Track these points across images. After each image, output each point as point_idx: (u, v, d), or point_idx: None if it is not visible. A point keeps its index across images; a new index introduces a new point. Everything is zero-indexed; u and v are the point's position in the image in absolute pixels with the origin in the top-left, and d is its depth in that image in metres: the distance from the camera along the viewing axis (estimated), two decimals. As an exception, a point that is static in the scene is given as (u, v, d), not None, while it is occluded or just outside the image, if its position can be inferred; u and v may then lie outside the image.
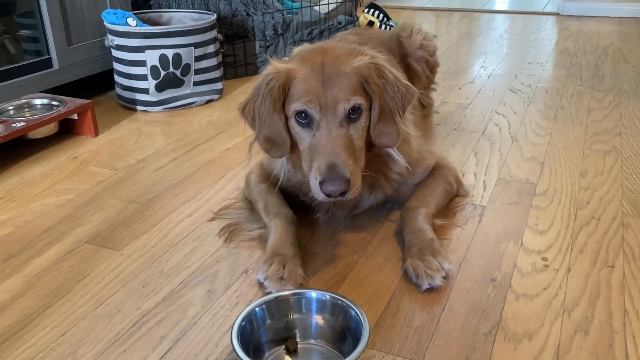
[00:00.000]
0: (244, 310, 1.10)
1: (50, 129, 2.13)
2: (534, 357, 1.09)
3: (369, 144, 1.40)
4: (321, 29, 3.23)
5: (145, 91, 2.46)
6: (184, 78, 2.49)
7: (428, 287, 1.27)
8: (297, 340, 1.13)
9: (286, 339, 1.13)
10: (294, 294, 1.16)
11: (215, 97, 2.62)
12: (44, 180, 1.86)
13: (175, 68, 2.45)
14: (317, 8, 3.38)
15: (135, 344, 1.14)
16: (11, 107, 2.17)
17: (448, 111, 2.42)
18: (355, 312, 1.09)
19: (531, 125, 2.25)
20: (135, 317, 1.22)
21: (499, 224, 1.55)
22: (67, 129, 2.22)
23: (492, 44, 3.66)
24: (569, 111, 2.39)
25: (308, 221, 1.56)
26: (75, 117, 2.18)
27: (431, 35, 2.22)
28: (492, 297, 1.26)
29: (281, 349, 1.12)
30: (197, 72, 2.52)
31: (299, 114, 1.32)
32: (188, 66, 2.48)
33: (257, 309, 1.12)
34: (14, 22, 2.42)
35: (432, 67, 2.21)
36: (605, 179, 1.78)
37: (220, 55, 2.65)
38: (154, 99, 2.47)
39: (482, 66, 3.13)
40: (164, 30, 2.41)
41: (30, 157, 2.03)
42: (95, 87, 2.73)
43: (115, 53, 2.48)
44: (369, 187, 1.51)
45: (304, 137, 1.34)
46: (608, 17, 4.42)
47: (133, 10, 2.71)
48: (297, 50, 1.58)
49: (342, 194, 1.24)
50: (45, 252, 1.47)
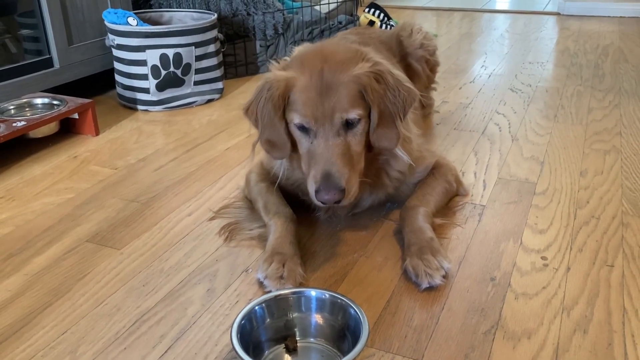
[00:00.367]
0: (243, 309, 1.10)
1: (51, 128, 2.13)
2: (533, 355, 1.09)
3: (370, 144, 1.40)
4: (322, 28, 3.24)
5: (146, 90, 2.46)
6: (184, 77, 2.49)
7: (427, 286, 1.27)
8: (297, 338, 1.13)
9: (286, 338, 1.13)
10: (293, 293, 1.16)
11: (216, 96, 2.63)
12: (44, 180, 1.87)
13: (176, 67, 2.45)
14: (317, 7, 3.38)
15: (135, 342, 1.15)
16: (12, 107, 2.17)
17: (448, 110, 2.42)
18: (355, 310, 1.09)
19: (531, 124, 2.25)
20: (135, 316, 1.22)
21: (499, 223, 1.55)
22: (67, 129, 2.22)
23: (492, 44, 3.66)
24: (569, 111, 2.39)
25: (308, 220, 1.56)
26: (76, 116, 2.19)
27: (431, 35, 2.22)
28: (491, 296, 1.26)
29: (281, 348, 1.12)
30: (198, 71, 2.52)
31: (298, 121, 1.34)
32: (189, 66, 2.48)
33: (256, 307, 1.12)
34: (15, 21, 2.42)
35: (432, 67, 2.21)
36: (605, 179, 1.78)
37: (221, 55, 2.66)
38: (155, 98, 2.47)
39: (483, 66, 3.13)
40: (164, 30, 2.41)
41: (31, 157, 2.04)
42: (96, 87, 2.74)
43: (116, 52, 2.48)
44: (370, 187, 1.51)
45: (303, 141, 1.36)
46: (609, 16, 4.42)
47: (134, 10, 2.72)
48: (298, 50, 1.58)
49: (337, 202, 1.28)
50: (45, 251, 1.47)
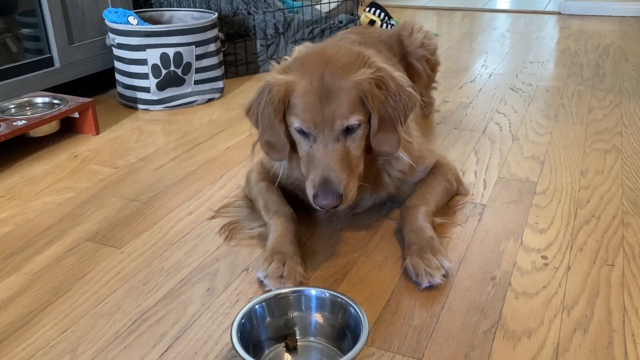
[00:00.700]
0: (243, 307, 1.10)
1: (52, 127, 2.14)
2: (533, 355, 1.09)
3: (371, 147, 1.40)
4: (322, 27, 3.23)
5: (146, 90, 2.46)
6: (185, 77, 2.49)
7: (428, 285, 1.27)
8: (297, 337, 1.13)
9: (286, 337, 1.13)
10: (293, 292, 1.16)
11: (216, 95, 2.63)
12: (44, 179, 1.87)
13: (177, 67, 2.45)
14: (318, 7, 3.37)
15: (135, 341, 1.15)
16: (12, 106, 2.17)
17: (449, 110, 2.42)
18: (355, 309, 1.09)
19: (532, 124, 2.25)
20: (136, 315, 1.22)
21: (499, 222, 1.55)
22: (68, 128, 2.22)
23: (493, 43, 3.66)
24: (569, 110, 2.39)
25: (308, 219, 1.56)
26: (77, 115, 2.19)
27: (432, 34, 2.22)
28: (491, 295, 1.26)
29: (281, 347, 1.12)
30: (198, 70, 2.52)
31: (297, 125, 1.34)
32: (189, 65, 2.48)
33: (257, 306, 1.12)
34: (16, 20, 2.42)
35: (432, 66, 2.21)
36: (606, 178, 1.78)
37: (221, 54, 2.66)
38: (155, 97, 2.47)
39: (483, 65, 3.13)
40: (165, 29, 2.41)
41: (31, 156, 2.04)
42: (96, 86, 2.74)
43: (117, 52, 2.48)
44: (371, 186, 1.51)
45: (302, 145, 1.36)
46: (609, 16, 4.41)
47: (134, 9, 2.72)
48: (298, 50, 1.58)
49: (335, 207, 1.28)
50: (45, 250, 1.47)
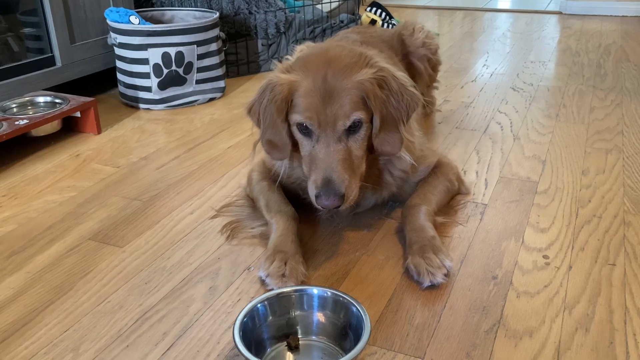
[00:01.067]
0: (245, 307, 1.11)
1: (53, 126, 2.14)
2: (535, 354, 1.09)
3: (373, 147, 1.40)
4: (323, 27, 3.24)
5: (148, 89, 2.46)
6: (186, 76, 2.49)
7: (429, 284, 1.27)
8: (299, 336, 1.14)
9: (288, 336, 1.13)
10: (295, 291, 1.17)
11: (218, 95, 2.63)
12: (46, 178, 1.87)
13: (178, 66, 2.45)
14: (319, 6, 3.38)
15: (137, 340, 1.15)
16: (14, 105, 2.17)
17: (450, 109, 2.42)
18: (357, 308, 1.10)
19: (533, 123, 2.25)
20: (138, 314, 1.22)
21: (500, 221, 1.55)
22: (69, 127, 2.23)
23: (494, 43, 3.66)
24: (570, 110, 2.39)
25: (309, 218, 1.56)
26: (78, 114, 2.19)
27: (433, 34, 2.22)
28: (493, 294, 1.26)
29: (283, 346, 1.12)
30: (200, 70, 2.52)
31: (300, 124, 1.34)
32: (190, 64, 2.48)
33: (259, 305, 1.12)
34: (17, 20, 2.43)
35: (434, 66, 2.21)
36: (607, 177, 1.78)
37: (223, 54, 2.66)
38: (157, 97, 2.47)
39: (484, 65, 3.13)
40: (166, 29, 2.41)
41: (33, 155, 2.04)
42: (98, 85, 2.74)
43: (118, 51, 2.48)
44: (373, 186, 1.51)
45: (304, 144, 1.36)
46: (611, 15, 4.41)
47: (136, 8, 2.72)
48: (300, 50, 1.58)
49: (337, 207, 1.29)
50: (47, 249, 1.47)
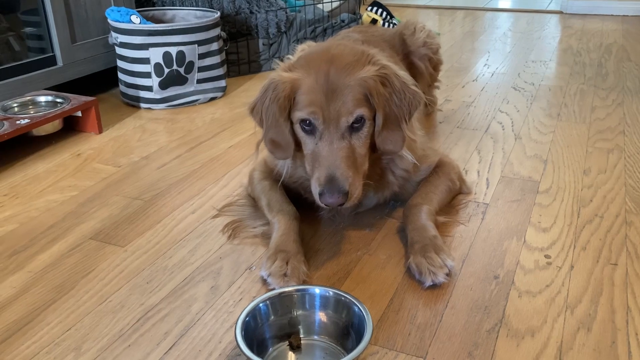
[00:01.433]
0: (247, 306, 1.11)
1: (54, 126, 2.14)
2: (537, 353, 1.09)
3: (375, 145, 1.40)
4: (324, 26, 3.24)
5: (149, 89, 2.46)
6: (187, 76, 2.49)
7: (431, 284, 1.27)
8: (301, 336, 1.14)
9: (290, 335, 1.13)
10: (297, 290, 1.17)
11: (219, 94, 2.63)
12: (48, 177, 1.87)
13: (179, 66, 2.45)
14: (320, 6, 3.38)
15: (139, 339, 1.15)
16: (15, 104, 2.17)
17: (451, 109, 2.42)
18: (359, 308, 1.10)
19: (534, 123, 2.25)
20: (139, 313, 1.22)
21: (502, 221, 1.55)
22: (71, 126, 2.23)
23: (495, 42, 3.66)
24: (572, 109, 2.39)
25: (311, 218, 1.56)
26: (79, 114, 2.19)
27: (434, 33, 2.22)
28: (494, 294, 1.26)
29: (285, 345, 1.12)
30: (201, 69, 2.52)
31: (303, 121, 1.34)
32: (192, 64, 2.48)
33: (260, 305, 1.12)
34: (19, 19, 2.42)
35: (435, 65, 2.21)
36: (609, 177, 1.78)
37: (224, 53, 2.66)
38: (158, 96, 2.47)
39: (486, 64, 3.13)
40: (167, 28, 2.41)
41: (34, 154, 2.04)
42: (99, 85, 2.74)
43: (119, 50, 2.48)
44: (375, 185, 1.51)
45: (307, 142, 1.36)
46: (612, 15, 4.41)
47: (137, 8, 2.72)
48: (301, 49, 1.57)
49: (341, 204, 1.28)
50: (49, 248, 1.47)
